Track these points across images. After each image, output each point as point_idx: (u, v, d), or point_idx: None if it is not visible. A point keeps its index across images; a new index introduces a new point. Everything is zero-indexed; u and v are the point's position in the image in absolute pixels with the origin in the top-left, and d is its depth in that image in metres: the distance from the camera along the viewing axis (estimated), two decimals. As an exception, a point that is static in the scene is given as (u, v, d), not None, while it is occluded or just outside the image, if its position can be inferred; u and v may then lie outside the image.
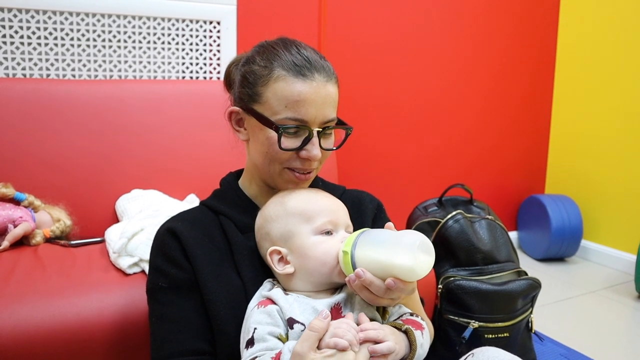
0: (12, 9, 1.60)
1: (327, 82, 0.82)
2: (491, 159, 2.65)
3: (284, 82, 0.80)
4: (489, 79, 2.56)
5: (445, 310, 1.41)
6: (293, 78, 0.80)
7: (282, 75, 0.80)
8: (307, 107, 0.79)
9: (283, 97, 0.80)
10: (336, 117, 0.85)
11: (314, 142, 0.81)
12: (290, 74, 0.80)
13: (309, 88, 0.80)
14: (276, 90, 0.80)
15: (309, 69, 0.80)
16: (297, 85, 0.79)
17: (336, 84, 0.85)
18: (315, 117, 0.81)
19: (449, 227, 1.49)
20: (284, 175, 0.85)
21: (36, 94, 1.48)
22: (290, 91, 0.79)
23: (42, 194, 1.42)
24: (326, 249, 0.75)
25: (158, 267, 0.83)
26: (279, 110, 0.80)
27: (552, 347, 1.71)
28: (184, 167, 1.60)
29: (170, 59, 1.84)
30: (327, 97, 0.81)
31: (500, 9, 2.52)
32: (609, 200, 2.53)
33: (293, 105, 0.79)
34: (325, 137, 0.84)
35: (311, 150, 0.81)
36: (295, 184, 0.86)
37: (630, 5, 2.38)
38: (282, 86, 0.80)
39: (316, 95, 0.80)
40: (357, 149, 2.25)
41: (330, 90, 0.82)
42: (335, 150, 0.90)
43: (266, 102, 0.82)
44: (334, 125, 0.85)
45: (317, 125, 0.82)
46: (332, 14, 2.11)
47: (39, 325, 0.97)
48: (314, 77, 0.80)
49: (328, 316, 0.67)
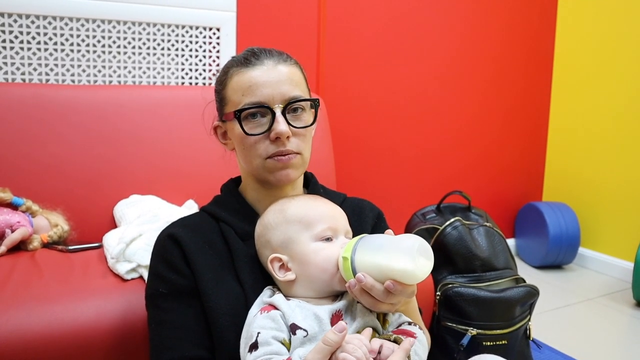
0: (12, 14, 1.60)
1: (277, 64, 0.85)
2: (489, 166, 2.65)
3: (237, 75, 0.85)
4: (485, 85, 2.57)
5: (443, 317, 1.41)
6: (244, 69, 0.84)
7: (235, 71, 0.86)
8: (261, 88, 0.82)
9: (238, 89, 0.84)
10: (301, 95, 0.85)
11: (278, 119, 0.82)
12: (241, 67, 0.85)
13: (259, 72, 0.83)
14: (233, 85, 0.85)
15: (256, 57, 0.85)
16: (247, 73, 0.84)
17: (293, 66, 0.87)
18: (272, 96, 0.82)
19: (447, 234, 1.49)
20: (267, 165, 0.84)
21: (35, 99, 1.48)
22: (242, 80, 0.84)
23: (40, 199, 1.42)
24: (326, 256, 0.75)
25: (158, 273, 0.83)
26: (239, 101, 0.84)
27: (550, 355, 1.71)
28: (182, 173, 1.60)
29: (170, 65, 1.84)
30: (281, 76, 0.84)
31: (497, 13, 2.53)
32: (606, 207, 2.54)
33: (247, 91, 0.83)
34: (294, 118, 0.85)
35: (277, 127, 0.82)
36: (279, 172, 0.84)
37: (628, 10, 2.39)
38: (236, 79, 0.85)
39: (267, 76, 0.83)
40: (355, 155, 2.26)
41: (282, 69, 0.85)
42: (334, 155, 0.90)
43: (229, 100, 0.86)
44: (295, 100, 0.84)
45: (278, 103, 0.83)
46: (331, 21, 2.12)
47: (36, 331, 0.96)
48: (262, 62, 0.84)
49: (344, 329, 0.65)
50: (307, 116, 0.87)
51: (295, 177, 0.87)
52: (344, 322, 0.66)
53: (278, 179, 0.85)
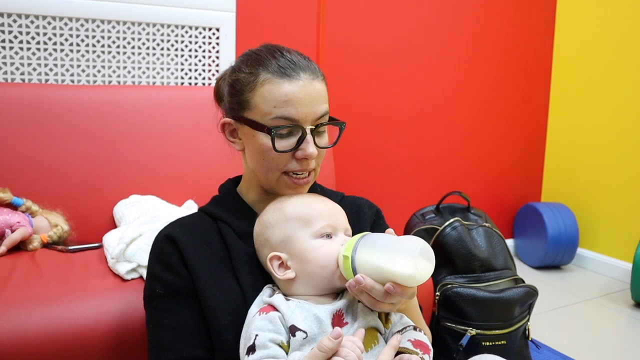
0: (11, 14, 1.60)
1: (313, 80, 0.82)
2: (488, 166, 2.66)
3: (271, 84, 0.80)
4: (485, 87, 2.57)
5: (442, 317, 1.41)
6: (279, 79, 0.80)
7: (268, 79, 0.81)
8: (297, 105, 0.80)
9: (271, 99, 0.80)
10: (328, 113, 0.85)
11: (309, 140, 0.81)
12: (276, 76, 0.81)
13: (295, 87, 0.80)
14: (264, 93, 0.81)
15: (293, 69, 0.81)
16: (283, 86, 0.80)
17: (323, 82, 0.85)
18: (306, 115, 0.81)
19: (446, 235, 1.49)
20: (283, 181, 0.85)
21: (35, 99, 1.48)
22: (278, 92, 0.80)
23: (40, 199, 1.42)
24: (326, 253, 0.75)
25: (156, 274, 0.83)
26: (269, 113, 0.80)
27: (549, 355, 1.71)
28: (182, 173, 1.60)
29: (169, 65, 1.85)
30: (315, 94, 0.82)
31: (497, 16, 2.54)
32: (605, 208, 2.54)
33: (282, 105, 0.80)
34: (319, 136, 0.84)
35: (306, 148, 0.81)
36: (294, 189, 0.85)
37: (626, 15, 2.40)
38: (269, 89, 0.80)
39: (304, 94, 0.80)
40: (355, 156, 2.26)
41: (318, 87, 0.82)
42: (333, 156, 0.90)
43: (255, 107, 0.82)
44: (326, 122, 0.84)
45: (309, 124, 0.81)
46: (331, 22, 2.12)
47: (35, 331, 0.96)
48: (299, 76, 0.81)
49: (340, 336, 0.64)
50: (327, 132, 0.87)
51: (304, 192, 0.88)
52: (339, 329, 0.65)
53: (286, 193, 0.86)
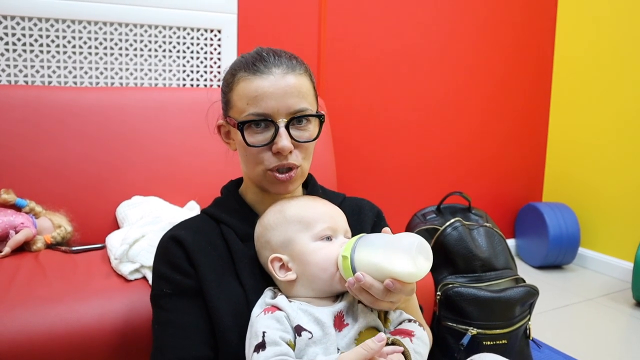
0: (14, 17, 1.62)
1: (286, 74, 0.82)
2: (489, 167, 2.66)
3: (244, 82, 0.83)
4: (487, 88, 2.58)
5: (443, 317, 1.41)
6: (252, 76, 0.82)
7: (243, 77, 0.83)
8: (267, 100, 0.81)
9: (244, 96, 0.82)
10: (307, 108, 0.84)
11: (282, 134, 0.81)
12: (249, 73, 0.83)
13: (266, 82, 0.81)
14: (239, 91, 0.84)
15: (265, 65, 0.83)
16: (254, 81, 0.82)
17: (303, 76, 0.85)
18: (277, 109, 0.81)
19: (447, 235, 1.50)
20: (267, 177, 0.85)
21: (38, 101, 1.49)
22: (249, 88, 0.82)
23: (44, 201, 1.43)
24: (326, 255, 0.76)
25: (162, 274, 0.84)
26: (243, 110, 0.83)
27: (550, 355, 1.71)
28: (184, 174, 1.61)
29: (172, 67, 1.85)
30: (287, 88, 0.82)
31: (498, 20, 2.54)
32: (606, 208, 2.54)
33: (253, 101, 0.81)
34: (298, 130, 0.84)
35: (279, 142, 0.81)
36: (278, 185, 0.85)
37: (626, 17, 2.40)
38: (243, 86, 0.83)
39: (274, 88, 0.81)
40: (356, 157, 2.27)
41: (291, 81, 0.82)
42: (335, 157, 0.90)
43: (234, 106, 0.85)
44: (302, 115, 0.83)
45: (283, 117, 0.82)
46: (332, 23, 2.12)
47: (40, 332, 0.97)
48: (270, 71, 0.82)
49: (383, 340, 0.67)
50: (312, 127, 0.86)
51: (294, 189, 0.88)
52: (383, 334, 0.68)
53: (277, 191, 0.86)
